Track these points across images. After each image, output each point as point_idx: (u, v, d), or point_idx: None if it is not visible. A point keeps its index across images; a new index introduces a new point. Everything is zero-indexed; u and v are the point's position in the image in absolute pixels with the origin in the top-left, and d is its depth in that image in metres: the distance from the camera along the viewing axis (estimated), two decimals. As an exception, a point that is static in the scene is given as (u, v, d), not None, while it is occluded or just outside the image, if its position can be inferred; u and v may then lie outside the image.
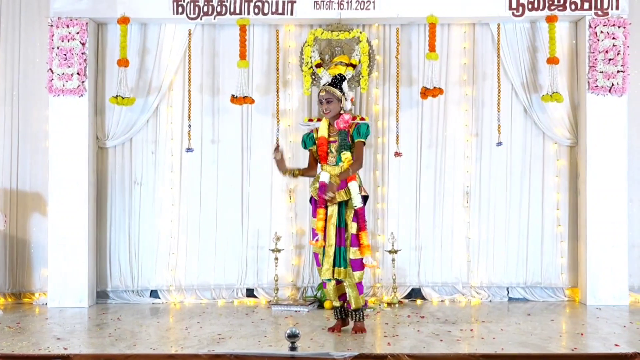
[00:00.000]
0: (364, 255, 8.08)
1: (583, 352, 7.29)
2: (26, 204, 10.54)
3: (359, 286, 8.14)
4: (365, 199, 8.17)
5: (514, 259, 10.51)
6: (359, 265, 8.10)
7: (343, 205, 8.12)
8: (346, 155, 8.03)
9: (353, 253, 8.07)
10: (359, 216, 8.08)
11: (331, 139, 8.17)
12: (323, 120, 8.28)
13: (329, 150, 8.17)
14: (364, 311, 8.31)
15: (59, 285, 10.04)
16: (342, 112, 8.19)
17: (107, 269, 10.51)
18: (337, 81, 8.21)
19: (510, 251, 10.52)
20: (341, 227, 8.10)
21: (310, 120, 10.32)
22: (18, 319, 9.22)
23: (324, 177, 8.10)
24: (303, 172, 8.46)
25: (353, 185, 8.04)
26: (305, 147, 8.45)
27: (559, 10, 10.04)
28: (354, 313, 8.24)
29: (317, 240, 8.07)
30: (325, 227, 8.08)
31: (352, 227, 8.06)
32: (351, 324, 8.37)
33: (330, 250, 8.06)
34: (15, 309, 10.04)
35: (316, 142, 8.28)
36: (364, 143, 8.15)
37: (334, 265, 8.08)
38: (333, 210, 8.08)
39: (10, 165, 10.51)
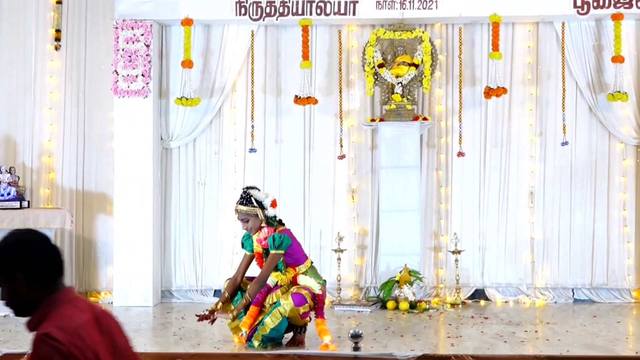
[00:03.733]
0: (321, 337, 7.52)
1: (650, 354, 7.21)
2: (92, 204, 10.68)
3: (302, 315, 7.51)
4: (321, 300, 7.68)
5: (579, 260, 10.39)
6: (302, 300, 7.45)
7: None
8: (276, 274, 7.67)
9: (298, 289, 7.53)
10: (319, 301, 7.57)
11: (263, 252, 7.76)
12: (253, 237, 7.84)
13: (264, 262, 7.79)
14: (305, 326, 7.73)
15: (124, 284, 10.15)
16: (264, 221, 7.72)
17: (171, 269, 10.61)
18: (243, 198, 7.72)
19: (575, 252, 10.40)
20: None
21: (373, 120, 10.32)
22: (84, 318, 9.32)
23: (270, 281, 7.71)
24: (232, 290, 7.91)
25: (302, 279, 7.62)
26: (243, 248, 8.07)
27: (624, 8, 9.90)
28: (294, 327, 7.71)
29: (242, 336, 7.56)
30: (251, 325, 7.53)
31: (295, 289, 7.57)
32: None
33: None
34: (81, 307, 10.15)
35: (255, 254, 7.87)
36: (280, 253, 7.60)
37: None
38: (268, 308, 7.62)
39: (76, 166, 10.66)
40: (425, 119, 10.26)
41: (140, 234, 10.17)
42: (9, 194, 9.78)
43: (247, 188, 7.88)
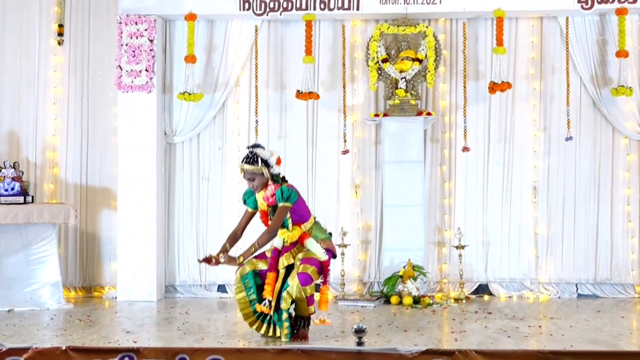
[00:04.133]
0: (320, 309, 7.66)
1: (654, 349, 7.20)
2: (96, 199, 10.68)
3: (309, 299, 7.58)
4: (333, 254, 7.83)
5: (583, 255, 10.38)
6: (307, 280, 7.51)
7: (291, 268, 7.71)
8: (282, 231, 7.70)
9: (304, 268, 7.55)
10: (325, 268, 7.66)
11: (269, 209, 7.81)
12: (258, 194, 7.88)
13: (269, 222, 7.83)
14: (309, 319, 7.75)
15: (128, 279, 10.16)
16: (270, 179, 7.73)
17: (175, 264, 10.61)
18: (250, 158, 7.71)
19: (579, 247, 10.40)
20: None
21: (377, 115, 10.32)
22: (88, 313, 9.36)
23: (277, 242, 7.73)
24: (232, 242, 8.05)
25: (309, 242, 7.66)
26: (244, 204, 8.09)
27: (629, 2, 9.89)
28: (297, 320, 7.73)
29: (265, 305, 7.59)
30: (273, 291, 7.62)
31: (304, 253, 7.63)
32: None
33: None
34: (85, 302, 10.18)
35: (259, 212, 7.91)
36: (287, 206, 7.63)
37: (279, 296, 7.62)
38: (282, 273, 7.69)
39: (80, 161, 10.67)
40: (429, 114, 10.25)
41: (144, 229, 10.17)
42: (12, 189, 9.79)
43: (253, 147, 7.87)
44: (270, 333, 7.75)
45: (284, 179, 7.84)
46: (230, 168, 10.57)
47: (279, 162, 7.81)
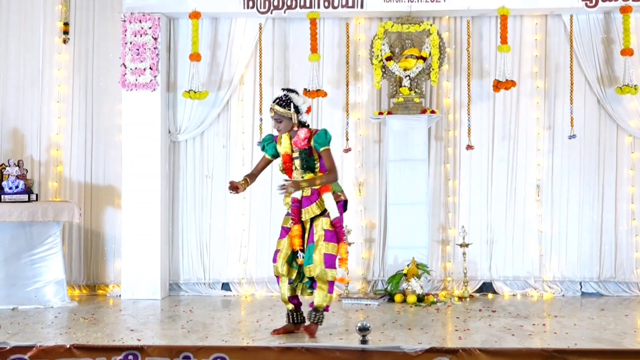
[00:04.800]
0: (342, 266, 7.80)
1: (659, 348, 7.19)
2: (100, 197, 10.70)
3: (330, 285, 7.75)
4: (345, 204, 7.93)
5: (587, 253, 10.38)
6: (333, 261, 7.68)
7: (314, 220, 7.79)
8: (309, 176, 7.76)
9: (327, 247, 7.67)
10: (337, 227, 7.71)
11: (294, 155, 7.86)
12: (284, 136, 7.93)
13: (293, 167, 7.89)
14: (323, 315, 7.82)
15: (132, 277, 10.17)
16: (296, 127, 7.83)
17: (179, 262, 10.62)
18: (283, 100, 7.81)
19: (583, 245, 10.39)
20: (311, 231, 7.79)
21: (381, 113, 10.32)
22: (92, 311, 9.37)
23: (296, 193, 7.82)
24: (250, 180, 8.18)
25: (327, 197, 7.72)
26: (262, 150, 8.18)
27: (633, 0, 9.88)
28: (313, 313, 7.78)
29: (300, 257, 7.74)
30: (303, 244, 7.77)
31: (326, 223, 7.70)
32: (306, 324, 7.97)
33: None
34: (89, 300, 10.20)
35: (280, 154, 7.97)
36: (329, 149, 7.81)
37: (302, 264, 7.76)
38: (307, 225, 7.79)
39: (84, 159, 10.68)
40: (433, 112, 10.25)
41: (148, 227, 10.18)
42: (17, 187, 9.80)
43: (287, 90, 7.95)
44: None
45: (308, 127, 7.93)
46: (235, 166, 10.58)
47: (308, 110, 7.99)
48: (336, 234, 7.73)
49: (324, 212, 7.74)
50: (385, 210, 10.43)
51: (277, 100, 7.85)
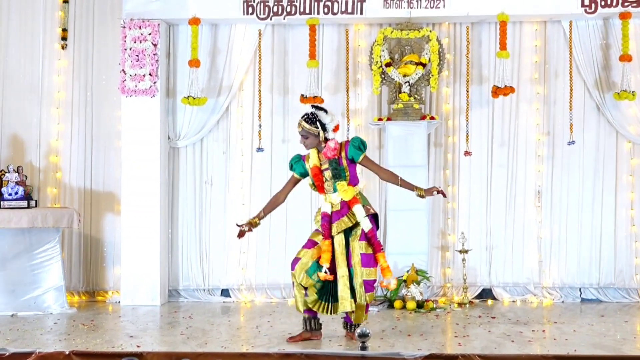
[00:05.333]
0: (385, 277, 7.75)
1: (658, 354, 7.19)
2: (99, 203, 10.70)
3: (367, 306, 7.87)
4: (375, 217, 7.91)
5: (586, 260, 10.38)
6: (372, 286, 7.77)
7: (348, 232, 7.80)
8: (341, 184, 7.74)
9: (367, 274, 7.70)
10: (372, 238, 7.73)
11: (323, 167, 7.84)
12: (311, 152, 7.92)
13: (324, 179, 7.84)
14: (358, 326, 7.83)
15: (131, 283, 10.16)
16: (323, 142, 7.83)
17: (178, 268, 10.62)
18: (310, 118, 7.83)
19: (583, 251, 10.39)
20: (346, 254, 7.77)
21: (380, 119, 10.32)
22: (92, 317, 9.37)
23: (326, 207, 7.82)
24: (271, 209, 8.26)
25: (358, 209, 7.73)
26: (291, 170, 8.12)
27: (632, 6, 9.89)
28: (351, 326, 7.87)
29: (325, 272, 7.63)
30: (333, 259, 7.73)
31: (361, 247, 7.71)
32: (343, 332, 8.09)
33: (343, 280, 7.69)
34: (89, 306, 10.19)
35: (309, 171, 7.92)
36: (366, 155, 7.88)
37: (352, 297, 7.72)
38: (340, 239, 7.76)
39: (84, 165, 10.69)
40: (432, 118, 10.25)
41: (148, 233, 10.18)
42: (16, 193, 9.79)
43: (316, 108, 7.93)
44: (331, 311, 7.80)
45: None
46: (234, 172, 10.59)
47: (336, 129, 7.95)
48: (373, 250, 7.73)
49: (355, 226, 7.76)
50: (385, 217, 10.43)
51: (305, 117, 7.88)
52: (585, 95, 10.37)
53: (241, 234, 8.12)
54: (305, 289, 7.81)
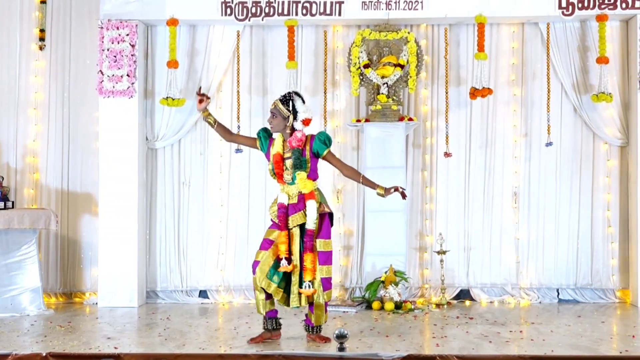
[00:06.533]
0: (305, 279, 7.62)
1: (635, 354, 7.23)
2: (77, 205, 10.65)
3: (326, 305, 7.83)
4: (330, 216, 7.89)
5: (563, 260, 10.42)
6: (329, 284, 7.75)
7: (304, 228, 7.74)
8: (301, 175, 7.71)
9: (326, 272, 7.69)
10: (309, 236, 7.65)
11: (285, 155, 7.79)
12: (278, 136, 7.86)
13: (284, 167, 7.79)
14: (321, 327, 7.90)
15: (109, 285, 10.12)
16: (289, 129, 7.76)
17: (156, 269, 10.59)
18: (286, 99, 7.76)
19: (560, 252, 10.43)
20: (302, 250, 7.72)
21: (358, 120, 10.33)
22: (69, 318, 9.32)
23: (282, 198, 7.80)
24: (222, 128, 8.14)
25: (310, 205, 7.71)
26: (257, 136, 8.03)
27: (609, 9, 9.95)
28: (313, 328, 7.85)
29: (284, 265, 7.60)
30: (289, 251, 7.70)
31: (319, 245, 7.71)
32: (304, 335, 8.04)
33: (295, 276, 7.69)
34: (66, 308, 10.14)
35: (271, 157, 7.85)
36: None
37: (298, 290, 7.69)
38: (296, 233, 7.74)
39: (61, 166, 10.64)
40: (410, 119, 10.27)
41: (125, 234, 10.14)
42: (-7, 194, 9.76)
43: (295, 93, 7.85)
44: (292, 303, 7.78)
45: None
46: (212, 173, 10.57)
47: (307, 122, 7.86)
48: (305, 247, 7.67)
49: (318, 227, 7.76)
50: (363, 218, 10.45)
51: (282, 96, 7.85)
52: (562, 97, 10.41)
53: (200, 101, 8.02)
54: (269, 294, 7.77)
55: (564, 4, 9.95)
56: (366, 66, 10.20)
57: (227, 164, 10.58)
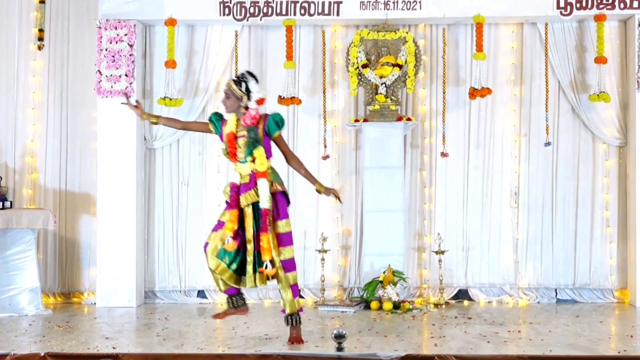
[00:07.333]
0: (263, 258, 7.48)
1: (633, 354, 7.22)
2: (75, 205, 10.65)
3: (293, 288, 7.64)
4: (285, 195, 7.75)
5: (562, 260, 10.42)
6: (292, 265, 7.61)
7: (257, 207, 7.61)
8: (259, 152, 7.59)
9: (284, 253, 7.56)
10: (263, 216, 7.51)
11: (239, 134, 7.69)
12: (232, 116, 7.77)
13: (237, 146, 7.69)
14: (300, 316, 7.77)
15: (107, 285, 10.12)
16: (244, 108, 7.67)
17: (155, 269, 10.59)
18: (239, 80, 7.69)
19: (559, 252, 10.43)
20: (257, 230, 7.60)
21: (357, 120, 10.33)
22: (67, 319, 9.32)
23: (235, 178, 7.78)
24: (167, 120, 8.22)
25: (262, 183, 7.57)
26: (209, 120, 7.96)
27: (607, 9, 9.95)
28: (289, 318, 7.72)
29: (230, 242, 7.60)
30: (237, 231, 7.64)
31: (280, 226, 7.60)
32: (287, 330, 7.85)
33: (250, 256, 7.60)
34: (64, 308, 10.14)
35: (224, 136, 7.74)
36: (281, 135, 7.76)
37: (254, 271, 7.57)
38: (249, 213, 7.62)
39: (59, 166, 10.64)
40: (409, 119, 10.27)
41: (124, 234, 10.14)
42: (-9, 194, 9.76)
43: (249, 73, 7.80)
44: (248, 283, 7.68)
45: None
46: (210, 173, 10.57)
47: (260, 102, 7.93)
48: (259, 228, 7.56)
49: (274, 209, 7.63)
50: (362, 218, 10.45)
51: (234, 77, 7.86)
52: (560, 97, 10.42)
53: (128, 102, 8.11)
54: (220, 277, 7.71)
55: (562, 4, 9.96)
56: (364, 66, 10.20)
57: (225, 164, 10.55)
